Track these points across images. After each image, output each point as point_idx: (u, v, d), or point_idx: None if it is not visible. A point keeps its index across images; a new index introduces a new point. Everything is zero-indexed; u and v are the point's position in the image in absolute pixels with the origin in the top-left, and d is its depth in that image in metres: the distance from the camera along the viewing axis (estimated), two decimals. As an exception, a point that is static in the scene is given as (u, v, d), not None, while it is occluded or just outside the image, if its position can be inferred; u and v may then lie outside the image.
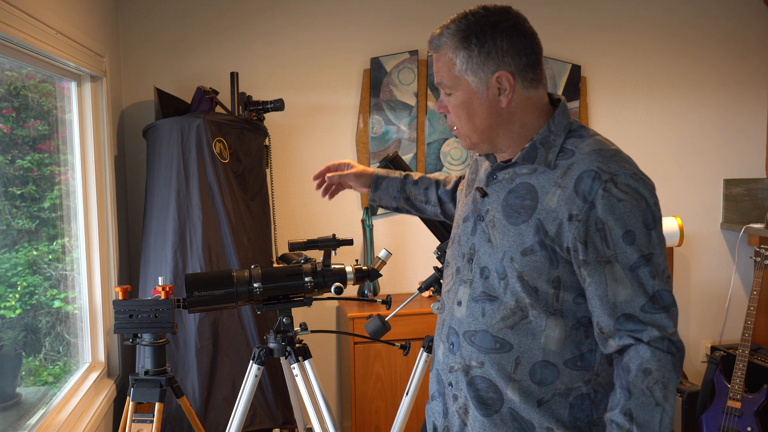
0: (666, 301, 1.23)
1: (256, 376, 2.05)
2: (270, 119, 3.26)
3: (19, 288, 2.19)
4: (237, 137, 2.81)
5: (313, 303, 2.46)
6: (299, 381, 2.04)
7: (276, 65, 3.31)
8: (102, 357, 2.68)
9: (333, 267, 2.02)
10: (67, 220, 2.59)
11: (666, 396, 1.21)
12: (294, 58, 3.33)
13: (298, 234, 3.37)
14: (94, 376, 2.57)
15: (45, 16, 1.99)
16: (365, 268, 2.06)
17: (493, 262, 1.33)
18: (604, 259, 1.23)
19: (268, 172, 3.09)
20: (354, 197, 3.45)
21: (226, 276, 1.96)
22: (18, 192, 2.20)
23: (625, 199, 1.22)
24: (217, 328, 2.62)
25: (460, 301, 1.39)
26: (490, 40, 1.27)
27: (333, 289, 1.99)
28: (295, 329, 2.08)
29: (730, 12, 3.74)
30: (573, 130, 1.33)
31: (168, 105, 2.90)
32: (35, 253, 2.31)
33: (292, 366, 2.05)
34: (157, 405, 1.97)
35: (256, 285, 1.96)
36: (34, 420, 2.10)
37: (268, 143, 3.07)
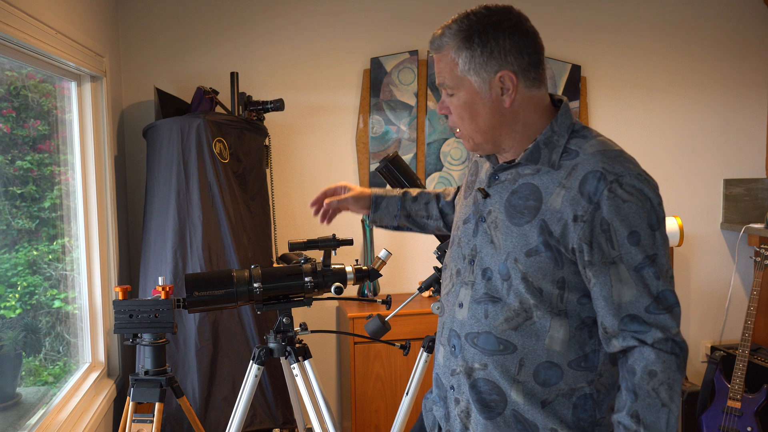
0: (669, 301, 1.23)
1: (256, 376, 2.04)
2: (270, 119, 3.25)
3: (19, 288, 2.19)
4: (237, 137, 2.81)
5: (313, 303, 2.46)
6: (299, 381, 2.03)
7: (276, 65, 3.30)
8: (102, 357, 2.68)
9: (333, 267, 2.02)
10: (67, 220, 2.58)
11: (672, 396, 1.21)
12: (294, 58, 3.32)
13: (298, 234, 3.37)
14: (94, 376, 2.57)
15: (45, 16, 1.99)
16: (365, 268, 2.06)
17: (495, 263, 1.32)
18: (609, 260, 1.22)
19: (268, 172, 3.08)
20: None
21: (226, 276, 1.96)
22: (18, 192, 2.20)
23: (631, 200, 1.21)
24: (217, 328, 2.62)
25: (461, 303, 1.38)
26: (493, 39, 1.26)
27: (333, 289, 1.98)
28: (295, 329, 2.07)
29: (730, 12, 3.75)
30: (576, 130, 1.33)
31: (168, 105, 2.89)
32: (35, 253, 2.30)
33: (292, 366, 2.04)
34: (157, 405, 1.97)
35: (256, 285, 1.96)
36: (34, 420, 2.10)
37: (268, 143, 3.07)
